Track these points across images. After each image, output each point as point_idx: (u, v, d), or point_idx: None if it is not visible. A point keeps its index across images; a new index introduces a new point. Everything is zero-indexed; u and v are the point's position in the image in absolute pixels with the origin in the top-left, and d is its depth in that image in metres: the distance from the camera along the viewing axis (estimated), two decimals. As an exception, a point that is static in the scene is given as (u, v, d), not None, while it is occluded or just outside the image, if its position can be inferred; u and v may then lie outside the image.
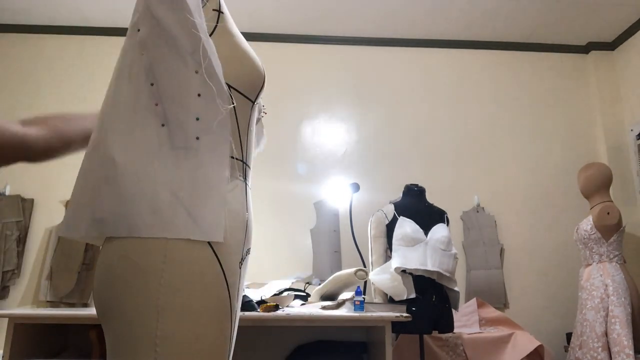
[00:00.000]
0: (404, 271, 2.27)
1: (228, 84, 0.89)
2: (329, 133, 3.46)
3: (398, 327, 2.18)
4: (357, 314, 2.01)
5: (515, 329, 2.67)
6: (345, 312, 2.08)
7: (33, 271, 3.04)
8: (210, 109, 0.85)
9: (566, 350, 2.86)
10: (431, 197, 2.68)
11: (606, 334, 2.49)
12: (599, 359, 2.44)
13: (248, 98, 0.96)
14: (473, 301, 2.91)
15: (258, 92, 0.99)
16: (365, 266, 2.57)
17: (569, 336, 2.84)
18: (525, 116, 3.56)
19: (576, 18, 3.35)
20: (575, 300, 2.82)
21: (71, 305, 2.82)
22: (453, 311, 2.37)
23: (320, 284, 2.57)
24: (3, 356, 1.94)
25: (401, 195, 2.67)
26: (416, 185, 2.64)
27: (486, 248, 3.23)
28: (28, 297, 2.99)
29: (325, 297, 2.48)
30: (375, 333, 2.28)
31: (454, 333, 2.52)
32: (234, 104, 0.90)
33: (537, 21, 3.41)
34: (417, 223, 2.41)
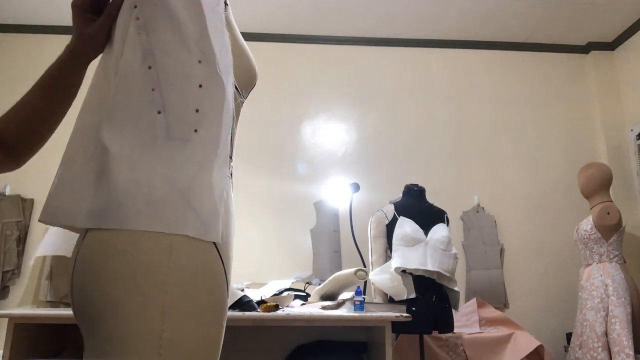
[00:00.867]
0: (404, 271, 2.27)
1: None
2: (329, 133, 3.45)
3: (398, 327, 2.18)
4: (357, 314, 2.01)
5: (515, 329, 2.67)
6: (345, 312, 2.08)
7: (33, 271, 3.04)
8: (211, 102, 0.81)
9: (566, 350, 2.86)
10: (431, 197, 2.68)
11: (606, 334, 2.49)
12: (599, 359, 2.44)
13: (241, 94, 0.96)
14: (473, 301, 2.91)
15: (250, 89, 0.99)
16: (365, 266, 2.56)
17: (569, 336, 2.84)
18: (525, 116, 3.56)
19: (576, 18, 3.35)
20: (575, 300, 2.82)
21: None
22: (453, 311, 2.37)
23: (320, 284, 2.57)
24: (3, 356, 1.94)
25: (401, 195, 2.67)
26: (416, 185, 2.64)
27: (486, 248, 3.23)
28: (28, 297, 2.99)
29: (325, 297, 2.48)
30: (375, 333, 2.28)
31: (454, 333, 2.52)
32: (243, 99, 0.89)
33: (537, 21, 3.41)
34: (417, 223, 2.41)
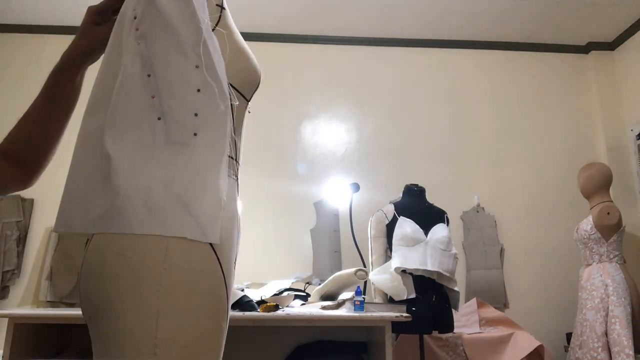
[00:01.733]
0: (404, 271, 2.27)
1: (227, 82, 0.88)
2: (329, 133, 3.45)
3: (398, 327, 2.18)
4: (357, 314, 2.01)
5: (515, 329, 2.67)
6: (345, 312, 2.08)
7: (33, 271, 3.04)
8: (209, 106, 0.83)
9: (566, 350, 2.86)
10: (431, 197, 2.68)
11: (606, 334, 2.49)
12: (599, 359, 2.44)
13: (244, 96, 0.96)
14: (473, 301, 2.91)
15: (253, 91, 0.99)
16: (365, 266, 2.57)
17: (569, 336, 2.84)
18: (525, 116, 3.56)
19: (576, 18, 3.35)
20: (575, 300, 2.82)
21: (71, 305, 2.82)
22: (453, 311, 2.37)
23: (320, 284, 2.57)
24: (3, 356, 1.94)
25: (401, 195, 2.67)
26: (416, 185, 2.64)
27: (486, 248, 3.23)
28: (28, 297, 2.99)
29: (325, 297, 2.48)
30: (375, 333, 2.28)
31: (454, 333, 2.52)
32: (237, 102, 0.89)
33: (537, 21, 3.41)
34: (417, 223, 2.41)
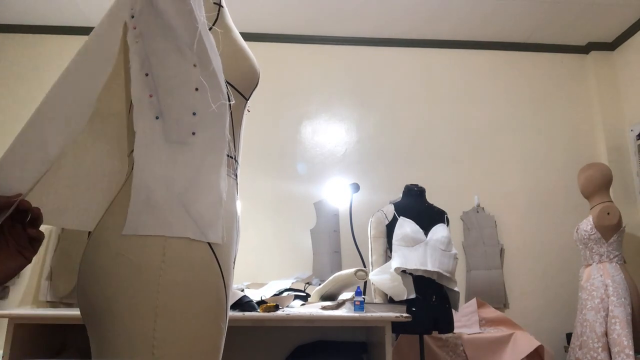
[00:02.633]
0: (404, 271, 2.27)
1: (225, 80, 0.88)
2: (329, 133, 3.45)
3: (398, 328, 2.18)
4: (357, 314, 2.01)
5: (515, 329, 2.67)
6: (345, 312, 2.08)
7: (33, 271, 3.04)
8: (208, 105, 0.83)
9: (566, 350, 2.86)
10: (431, 197, 2.68)
11: (606, 334, 2.49)
12: (599, 359, 2.44)
13: (242, 95, 0.96)
14: (473, 301, 2.91)
15: (252, 90, 0.99)
16: (365, 266, 2.56)
17: (569, 336, 2.84)
18: (525, 116, 3.56)
19: (576, 18, 3.35)
20: (575, 300, 2.82)
21: (71, 305, 2.82)
22: (453, 311, 2.37)
23: (320, 284, 2.57)
24: (3, 356, 1.94)
25: (401, 195, 2.67)
26: (416, 185, 2.64)
27: (486, 248, 3.23)
28: (28, 297, 2.99)
29: (325, 297, 2.47)
30: (375, 333, 2.28)
31: (454, 333, 2.52)
32: (233, 101, 0.88)
33: (537, 21, 3.41)
34: (417, 223, 2.41)
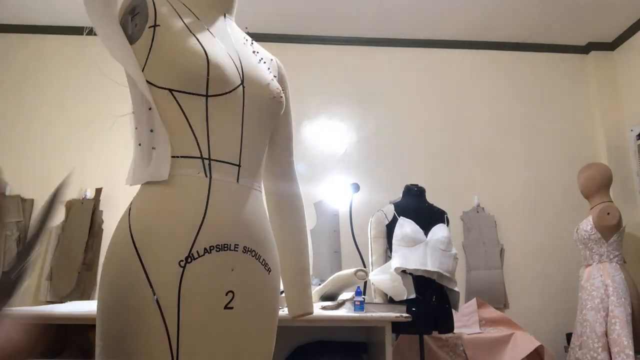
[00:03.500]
0: (404, 271, 2.27)
1: (171, 89, 0.93)
2: (329, 133, 3.45)
3: (398, 328, 2.17)
4: (357, 314, 2.01)
5: (515, 329, 2.67)
6: (345, 313, 2.08)
7: (33, 271, 3.04)
8: (158, 119, 0.93)
9: (566, 350, 2.86)
10: (431, 197, 2.68)
11: (606, 334, 2.49)
12: (599, 359, 2.44)
13: (195, 94, 0.93)
14: (473, 301, 2.91)
15: (205, 84, 0.93)
16: (365, 266, 2.56)
17: (569, 336, 2.84)
18: (525, 116, 3.56)
19: (576, 18, 3.35)
20: (575, 300, 2.82)
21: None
22: (453, 311, 2.37)
23: (320, 284, 2.57)
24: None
25: (401, 195, 2.67)
26: (416, 185, 2.63)
27: (486, 248, 3.23)
28: (28, 297, 2.99)
29: (325, 297, 2.47)
30: (375, 333, 2.28)
31: (454, 333, 2.52)
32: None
33: (537, 21, 3.41)
34: (417, 223, 2.41)
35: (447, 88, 3.59)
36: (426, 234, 2.39)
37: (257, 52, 1.15)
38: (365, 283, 2.54)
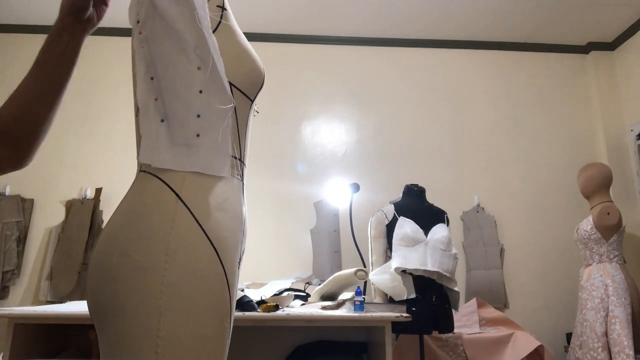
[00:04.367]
0: (404, 271, 2.27)
1: (230, 82, 0.89)
2: (329, 133, 3.46)
3: (398, 328, 2.17)
4: (357, 314, 2.01)
5: (515, 329, 2.67)
6: (345, 312, 2.08)
7: (33, 271, 3.04)
8: (212, 107, 0.85)
9: (566, 350, 2.86)
10: (431, 197, 2.68)
11: (606, 334, 2.49)
12: (599, 359, 2.44)
13: (247, 97, 0.96)
14: (473, 301, 2.91)
15: (257, 91, 0.99)
16: (365, 266, 2.56)
17: (569, 336, 2.84)
18: (525, 116, 3.56)
19: (576, 18, 3.35)
20: (575, 300, 2.82)
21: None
22: (453, 311, 2.37)
23: (320, 284, 2.57)
24: (3, 356, 1.94)
25: (401, 195, 2.67)
26: (416, 185, 2.64)
27: (486, 248, 3.23)
28: (28, 297, 2.99)
29: (325, 297, 2.47)
30: (375, 333, 2.28)
31: (454, 333, 2.52)
32: (233, 104, 0.89)
33: (537, 21, 3.41)
34: (417, 223, 2.41)
35: (447, 88, 3.59)
36: (426, 234, 2.39)
37: None
38: (365, 283, 2.54)
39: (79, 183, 3.17)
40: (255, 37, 3.43)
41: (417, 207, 2.54)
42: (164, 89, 0.84)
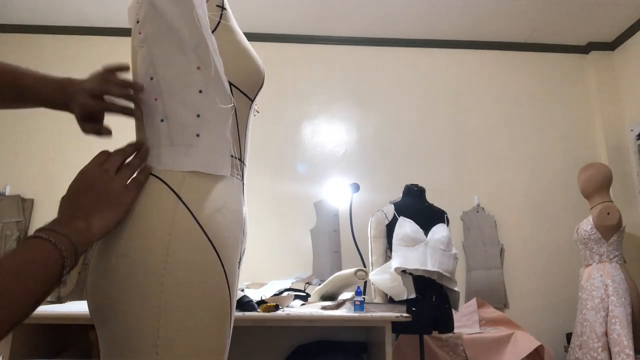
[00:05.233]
0: (404, 271, 2.27)
1: (229, 82, 0.89)
2: (329, 133, 3.46)
3: (398, 328, 2.17)
4: (357, 314, 2.01)
5: (515, 329, 2.67)
6: (345, 312, 2.08)
7: (33, 271, 3.04)
8: (212, 107, 0.85)
9: (566, 350, 2.86)
10: (431, 197, 2.68)
11: (606, 334, 2.49)
12: (599, 359, 2.44)
13: (247, 96, 0.95)
14: (473, 301, 2.91)
15: (257, 91, 0.98)
16: (365, 266, 2.56)
17: (569, 336, 2.85)
18: (525, 116, 3.56)
19: (576, 18, 3.36)
20: (575, 300, 2.82)
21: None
22: (453, 311, 2.37)
23: (320, 284, 2.57)
24: (3, 356, 1.94)
25: (401, 195, 2.67)
26: (416, 185, 2.64)
27: (486, 248, 3.23)
28: (28, 297, 2.99)
29: (325, 297, 2.47)
30: (375, 333, 2.28)
31: (454, 333, 2.52)
32: (233, 104, 0.89)
33: (537, 21, 3.41)
34: (417, 223, 2.41)
35: (447, 88, 3.59)
36: (426, 234, 2.39)
37: None
38: (365, 283, 2.54)
39: (79, 183, 3.17)
40: (255, 37, 3.43)
41: (417, 207, 2.54)
42: (164, 89, 0.84)
